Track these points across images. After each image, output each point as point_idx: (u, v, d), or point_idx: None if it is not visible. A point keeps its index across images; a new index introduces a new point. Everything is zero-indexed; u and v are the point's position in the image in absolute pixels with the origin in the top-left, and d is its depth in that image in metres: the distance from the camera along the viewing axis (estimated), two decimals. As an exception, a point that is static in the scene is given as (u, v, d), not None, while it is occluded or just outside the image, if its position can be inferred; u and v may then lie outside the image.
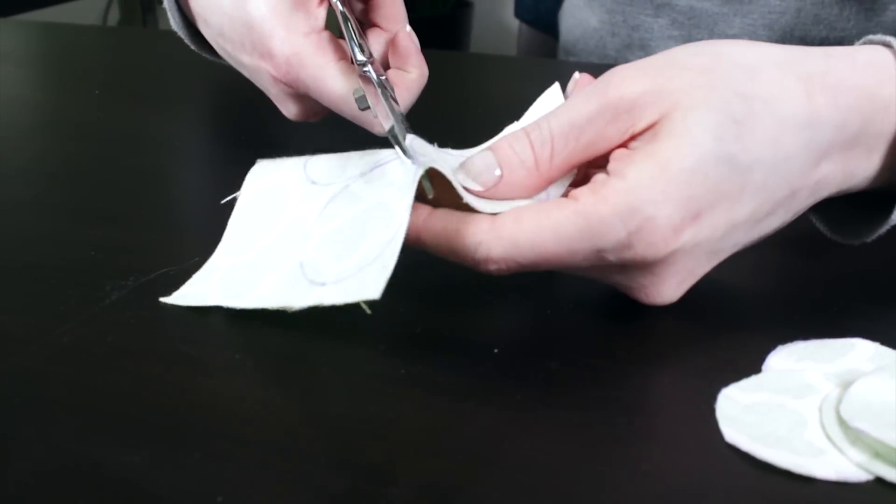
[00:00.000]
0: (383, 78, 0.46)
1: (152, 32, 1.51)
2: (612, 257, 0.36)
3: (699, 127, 0.35)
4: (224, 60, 0.56)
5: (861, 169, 0.39)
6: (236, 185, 0.54)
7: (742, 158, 0.35)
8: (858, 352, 0.36)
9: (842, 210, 0.42)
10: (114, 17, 2.31)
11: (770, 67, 0.37)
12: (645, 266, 0.36)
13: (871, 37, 0.41)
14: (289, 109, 0.53)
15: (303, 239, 0.40)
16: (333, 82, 0.48)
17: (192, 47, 0.60)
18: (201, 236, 0.47)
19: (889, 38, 0.40)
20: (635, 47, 0.80)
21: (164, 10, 0.60)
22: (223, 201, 0.45)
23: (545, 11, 0.97)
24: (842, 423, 0.32)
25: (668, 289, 0.37)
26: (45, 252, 0.46)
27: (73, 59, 0.84)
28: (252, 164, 0.45)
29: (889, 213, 0.40)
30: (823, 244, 0.45)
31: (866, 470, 0.31)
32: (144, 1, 2.21)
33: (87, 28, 1.28)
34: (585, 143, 0.37)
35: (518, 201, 0.38)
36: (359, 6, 0.53)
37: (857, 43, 0.41)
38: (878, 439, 0.31)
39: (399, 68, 0.51)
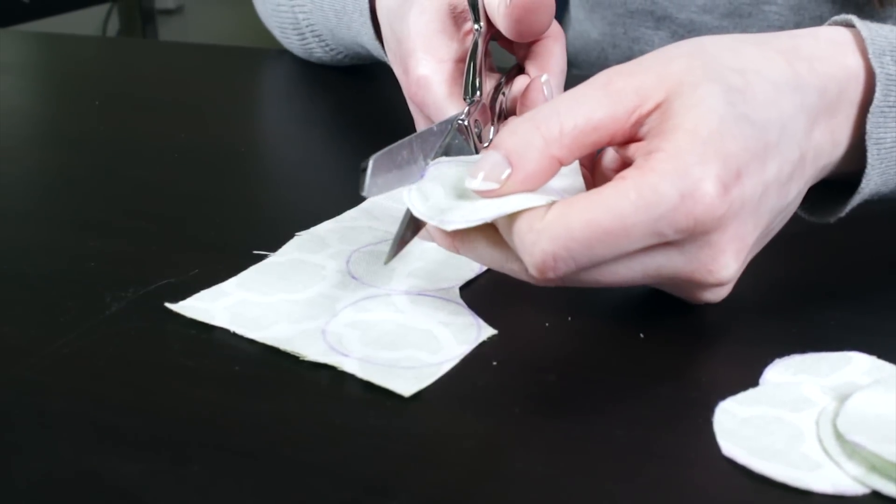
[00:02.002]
0: (465, 123, 0.46)
1: (152, 43, 1.51)
2: (668, 229, 0.35)
3: (711, 96, 0.36)
4: None
5: (844, 137, 0.41)
6: (236, 193, 0.54)
7: (755, 118, 0.37)
8: (855, 365, 0.37)
9: (817, 193, 0.43)
10: (113, 27, 2.31)
11: (748, 46, 0.39)
12: (703, 236, 0.36)
13: (835, 18, 0.43)
14: (418, 127, 0.55)
15: (328, 313, 0.41)
16: (447, 114, 0.49)
17: (384, 59, 0.61)
18: (201, 248, 0.47)
19: (850, 17, 0.42)
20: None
21: (163, 20, 0.60)
22: (255, 252, 0.45)
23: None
24: (839, 436, 0.32)
25: (729, 259, 0.37)
26: (45, 263, 0.46)
27: (72, 70, 0.84)
28: (251, 169, 0.45)
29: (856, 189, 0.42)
30: (820, 258, 0.45)
31: (863, 483, 0.31)
32: (144, 12, 2.22)
33: (87, 39, 1.28)
34: (595, 123, 0.37)
35: (532, 196, 0.36)
36: (521, 53, 0.53)
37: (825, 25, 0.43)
38: (874, 453, 0.31)
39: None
